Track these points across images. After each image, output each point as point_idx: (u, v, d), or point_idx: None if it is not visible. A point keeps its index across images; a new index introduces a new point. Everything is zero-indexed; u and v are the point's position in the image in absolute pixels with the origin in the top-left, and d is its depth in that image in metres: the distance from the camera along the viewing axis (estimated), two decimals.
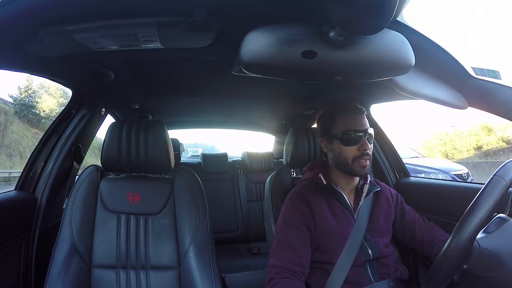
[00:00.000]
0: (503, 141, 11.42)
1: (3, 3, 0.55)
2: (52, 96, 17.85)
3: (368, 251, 0.86)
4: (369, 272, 0.86)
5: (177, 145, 2.10)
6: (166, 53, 0.86)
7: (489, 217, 0.57)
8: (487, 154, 11.47)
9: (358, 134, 0.86)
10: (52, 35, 0.67)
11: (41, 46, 0.73)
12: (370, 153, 0.87)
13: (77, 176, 1.13)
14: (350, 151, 0.86)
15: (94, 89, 1.20)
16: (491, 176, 0.59)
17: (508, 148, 11.02)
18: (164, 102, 1.57)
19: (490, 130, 12.10)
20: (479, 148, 11.76)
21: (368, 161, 0.86)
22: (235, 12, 0.63)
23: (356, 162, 0.86)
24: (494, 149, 11.11)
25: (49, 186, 1.12)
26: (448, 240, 0.59)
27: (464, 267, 0.60)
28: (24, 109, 16.44)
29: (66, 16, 0.61)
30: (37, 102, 17.43)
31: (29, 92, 17.19)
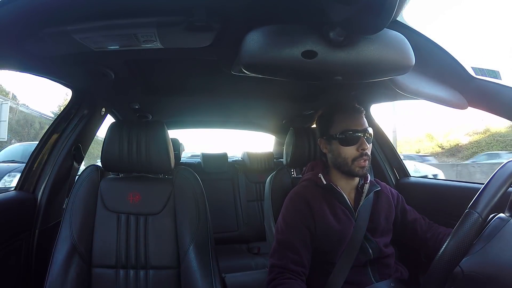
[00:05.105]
0: (438, 147, 13.96)
1: (3, 3, 0.55)
2: None
3: (369, 251, 0.86)
4: (370, 272, 0.86)
5: (177, 145, 2.10)
6: (166, 53, 0.86)
7: (466, 250, 0.58)
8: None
9: (357, 134, 0.86)
10: (52, 35, 0.67)
11: (41, 46, 0.73)
12: (369, 153, 0.87)
13: (77, 176, 1.13)
14: (349, 152, 0.86)
15: (94, 89, 1.20)
16: (466, 211, 0.60)
17: (441, 152, 13.50)
18: (164, 102, 1.57)
19: (432, 138, 14.54)
20: (418, 152, 13.93)
21: (367, 162, 0.86)
22: (235, 12, 0.63)
23: (356, 162, 0.86)
24: (429, 153, 13.23)
25: (49, 186, 1.12)
26: (429, 269, 0.60)
27: None
28: None
29: (66, 16, 0.62)
30: None
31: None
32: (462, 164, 9.87)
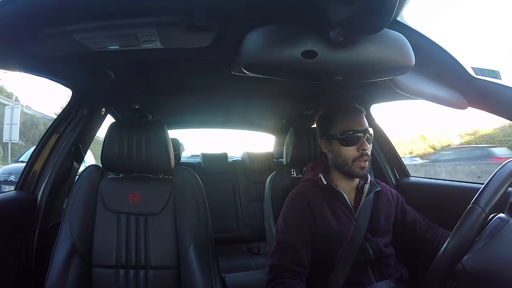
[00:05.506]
0: (430, 147, 14.31)
1: (3, 3, 0.55)
2: None
3: (369, 251, 0.86)
4: (370, 272, 0.86)
5: (177, 145, 2.10)
6: (166, 53, 0.86)
7: (469, 245, 0.58)
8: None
9: (357, 134, 0.86)
10: (52, 35, 0.67)
11: (41, 46, 0.73)
12: (369, 153, 0.87)
13: (77, 176, 1.13)
14: (350, 152, 0.86)
15: (94, 89, 1.20)
16: (468, 206, 0.60)
17: (433, 153, 13.76)
18: (164, 102, 1.57)
19: (425, 139, 14.91)
20: (411, 153, 14.42)
21: (367, 162, 0.86)
22: (235, 12, 0.63)
23: (356, 163, 0.86)
24: (422, 154, 13.67)
25: (49, 186, 1.12)
26: (433, 264, 0.60)
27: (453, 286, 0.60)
28: None
29: (66, 16, 0.61)
30: None
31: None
32: None
